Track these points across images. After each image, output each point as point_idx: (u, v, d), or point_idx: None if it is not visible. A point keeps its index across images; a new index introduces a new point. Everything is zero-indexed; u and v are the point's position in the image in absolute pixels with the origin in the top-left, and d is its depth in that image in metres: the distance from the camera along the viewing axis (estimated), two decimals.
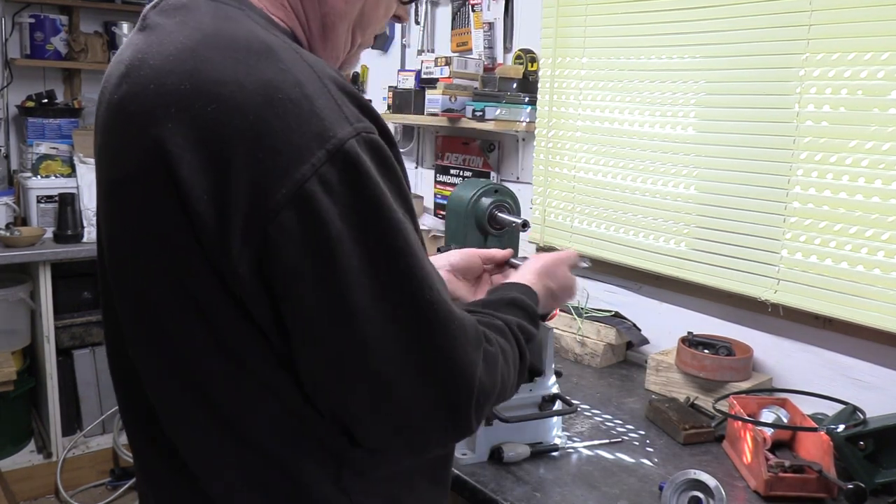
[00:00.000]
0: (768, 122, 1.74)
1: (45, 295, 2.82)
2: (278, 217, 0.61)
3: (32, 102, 3.04)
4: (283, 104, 0.62)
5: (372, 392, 0.67)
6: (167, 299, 0.68)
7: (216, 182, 0.62)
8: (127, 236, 0.71)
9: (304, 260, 0.62)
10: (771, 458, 1.34)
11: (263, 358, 0.68)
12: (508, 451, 1.38)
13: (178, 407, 0.72)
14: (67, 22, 3.16)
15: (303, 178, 0.61)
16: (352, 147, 0.63)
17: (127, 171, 0.68)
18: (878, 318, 1.55)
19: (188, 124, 0.62)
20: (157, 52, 0.68)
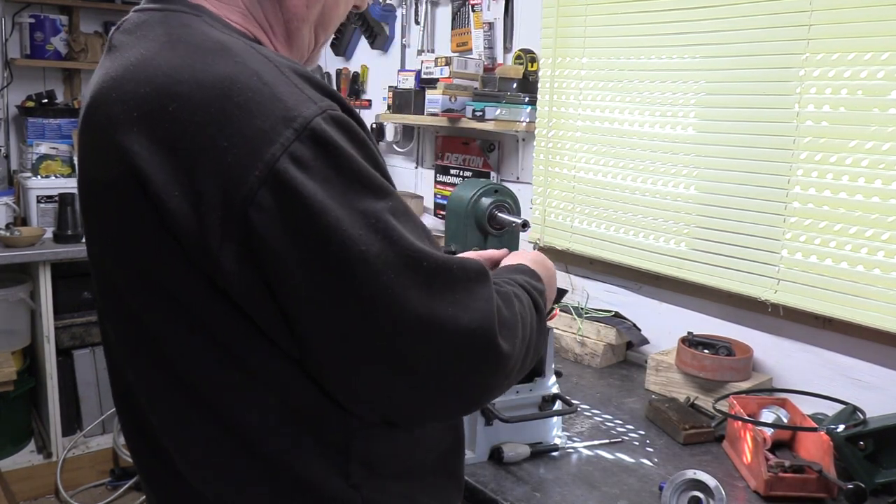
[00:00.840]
0: (768, 122, 1.75)
1: (45, 295, 2.82)
2: (255, 199, 0.60)
3: (32, 102, 3.04)
4: (243, 93, 0.62)
5: (395, 359, 0.66)
6: (150, 303, 0.68)
7: (186, 179, 0.61)
8: (105, 243, 0.71)
9: (290, 237, 0.61)
10: (771, 458, 1.34)
11: (256, 352, 0.67)
12: (508, 451, 1.38)
13: (171, 411, 0.72)
14: (67, 22, 3.16)
15: (273, 157, 0.60)
16: (318, 124, 0.63)
17: (98, 179, 0.69)
18: (878, 318, 1.55)
19: (151, 126, 0.63)
20: (118, 65, 0.69)
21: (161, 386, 0.72)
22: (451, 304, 0.67)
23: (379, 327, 0.64)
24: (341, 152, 0.63)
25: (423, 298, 0.65)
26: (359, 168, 0.64)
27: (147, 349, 0.71)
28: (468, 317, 0.68)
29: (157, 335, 0.69)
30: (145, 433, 0.77)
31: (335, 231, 0.61)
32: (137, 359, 0.73)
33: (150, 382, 0.73)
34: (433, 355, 0.67)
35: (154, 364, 0.71)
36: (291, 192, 0.60)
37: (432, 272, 0.66)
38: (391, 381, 0.67)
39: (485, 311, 0.69)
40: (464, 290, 0.68)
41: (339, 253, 0.61)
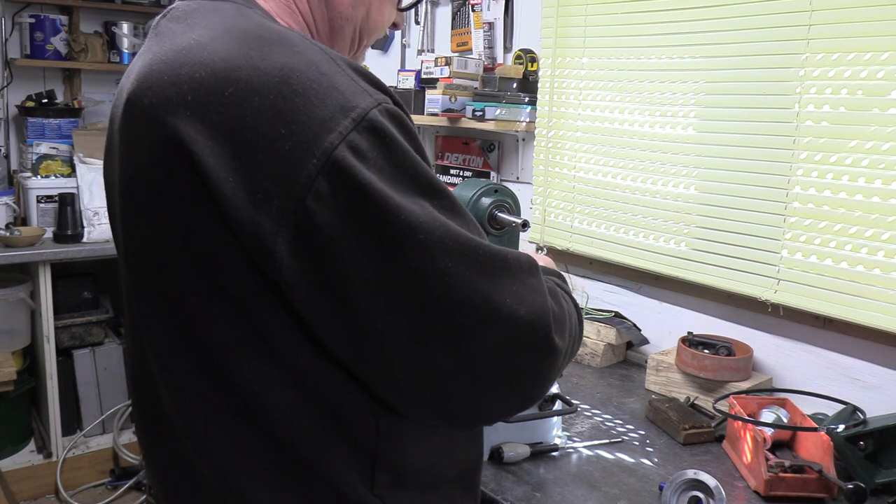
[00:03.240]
0: (768, 122, 1.75)
1: (45, 295, 2.82)
2: (313, 187, 0.60)
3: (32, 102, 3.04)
4: (302, 81, 0.62)
5: (452, 348, 0.64)
6: (193, 296, 0.66)
7: (241, 165, 0.61)
8: (148, 232, 0.69)
9: (348, 225, 0.60)
10: (771, 458, 1.34)
11: (296, 346, 0.66)
12: (508, 451, 1.38)
13: (201, 410, 0.70)
14: (67, 22, 3.16)
15: (331, 145, 0.60)
16: (375, 116, 0.63)
17: (145, 165, 0.66)
18: (877, 318, 1.55)
19: (206, 110, 0.62)
20: (169, 49, 0.68)
21: (193, 383, 0.70)
22: (508, 296, 0.66)
23: (436, 315, 0.63)
24: (397, 145, 0.63)
25: (481, 287, 0.64)
26: (413, 162, 0.64)
27: (183, 341, 0.69)
28: (524, 309, 0.67)
29: (197, 328, 0.67)
30: (166, 434, 0.76)
31: (394, 218, 0.61)
32: (169, 351, 0.71)
33: (181, 379, 0.71)
34: (490, 345, 0.66)
35: (190, 360, 0.69)
36: (350, 181, 0.60)
37: (488, 262, 0.66)
38: (448, 372, 0.66)
39: (540, 304, 0.69)
40: (519, 283, 0.68)
41: (398, 240, 0.61)
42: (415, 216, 0.61)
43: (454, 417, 0.72)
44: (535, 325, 0.68)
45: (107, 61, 3.24)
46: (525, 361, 0.69)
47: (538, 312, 0.68)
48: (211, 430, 0.70)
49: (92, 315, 3.05)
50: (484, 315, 0.64)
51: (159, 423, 0.77)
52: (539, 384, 0.72)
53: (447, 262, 0.62)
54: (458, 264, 0.63)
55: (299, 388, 0.67)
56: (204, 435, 0.71)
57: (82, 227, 2.92)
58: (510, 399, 0.72)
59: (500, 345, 0.66)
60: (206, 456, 0.71)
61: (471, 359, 0.66)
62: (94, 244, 2.90)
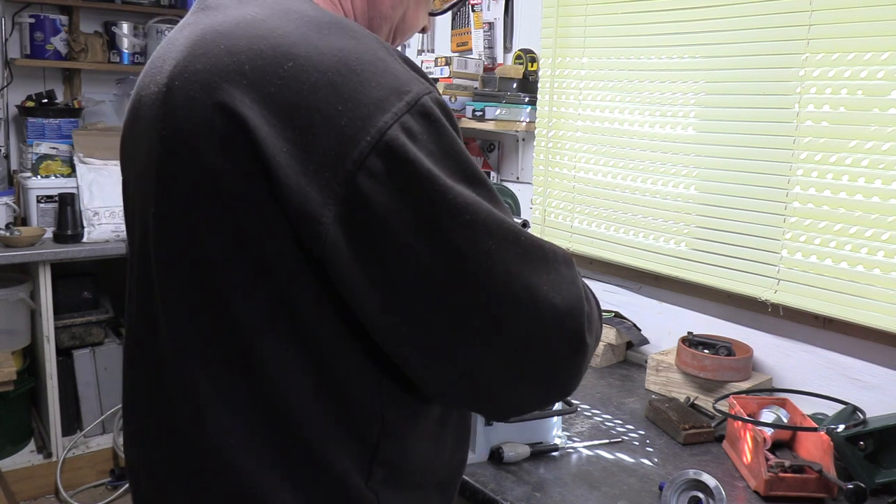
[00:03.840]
0: (768, 122, 1.75)
1: (45, 295, 2.82)
2: (365, 164, 0.61)
3: (32, 102, 3.04)
4: (359, 63, 0.63)
5: (490, 329, 0.66)
6: (227, 263, 0.66)
7: (296, 137, 0.61)
8: (185, 196, 0.68)
9: (398, 203, 0.61)
10: (771, 458, 1.34)
11: (319, 328, 0.66)
12: (508, 451, 1.38)
13: (211, 384, 0.69)
14: (67, 22, 3.16)
15: (385, 125, 0.61)
16: (427, 101, 0.65)
17: (191, 128, 0.66)
18: (877, 318, 1.55)
19: (264, 82, 0.63)
20: (223, 20, 0.69)
21: (207, 358, 0.69)
22: (546, 283, 0.68)
23: (476, 295, 0.64)
24: (446, 131, 0.65)
25: (521, 272, 0.66)
26: (459, 149, 0.66)
27: (204, 315, 0.69)
28: (560, 297, 0.68)
29: (222, 301, 0.67)
30: (162, 412, 0.75)
31: (442, 197, 0.62)
32: (188, 325, 0.70)
33: (196, 354, 0.70)
34: (527, 329, 0.67)
35: (207, 333, 0.69)
36: (402, 159, 0.61)
37: (529, 250, 0.67)
38: (483, 355, 0.67)
39: (576, 295, 0.71)
40: (555, 272, 0.69)
41: (445, 218, 0.62)
42: (462, 197, 0.63)
43: (484, 400, 0.73)
44: (571, 314, 0.69)
45: (107, 61, 3.24)
46: (558, 349, 0.70)
47: (573, 303, 0.70)
48: (218, 409, 0.70)
49: (92, 315, 3.05)
50: (522, 299, 0.66)
51: (155, 399, 0.76)
52: (573, 374, 0.73)
53: (490, 245, 0.64)
54: (500, 248, 0.65)
55: (314, 372, 0.68)
56: (208, 413, 0.70)
57: (82, 227, 2.92)
58: (541, 386, 0.73)
59: (535, 330, 0.67)
60: (207, 434, 0.71)
61: (506, 341, 0.67)
62: (94, 244, 2.90)
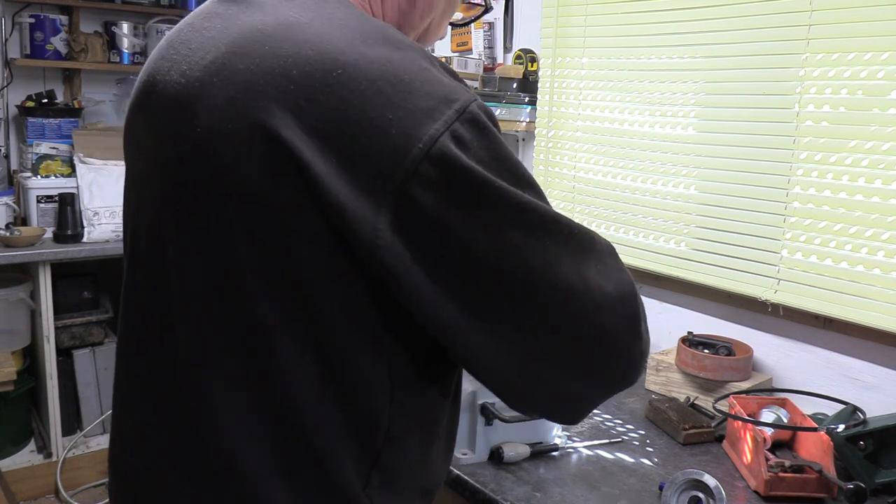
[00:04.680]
0: (768, 122, 1.75)
1: (45, 295, 2.82)
2: (417, 172, 0.61)
3: (32, 102, 3.04)
4: (407, 72, 0.64)
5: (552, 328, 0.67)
6: (251, 262, 0.66)
7: (346, 147, 0.61)
8: (215, 203, 0.67)
9: (453, 207, 0.62)
10: (771, 458, 1.34)
11: (336, 334, 0.67)
12: (508, 451, 1.38)
13: (222, 382, 0.69)
14: (67, 22, 3.16)
15: (436, 133, 0.62)
16: (474, 109, 0.65)
17: (229, 136, 0.65)
18: (877, 318, 1.55)
19: (312, 90, 0.62)
20: (263, 21, 0.68)
21: (219, 357, 0.69)
22: (598, 274, 0.69)
23: (537, 291, 0.65)
24: (495, 137, 0.66)
25: (576, 265, 0.67)
26: (508, 154, 0.67)
27: (223, 313, 0.68)
28: (612, 286, 0.70)
29: (243, 301, 0.67)
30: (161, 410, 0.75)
31: (497, 198, 0.63)
32: (203, 323, 0.70)
33: (208, 352, 0.69)
34: (588, 319, 0.68)
35: (224, 332, 0.68)
36: (454, 167, 0.62)
37: (581, 242, 0.69)
38: (547, 348, 0.68)
39: (627, 281, 0.73)
40: (603, 263, 0.71)
41: (502, 218, 0.64)
42: (515, 198, 0.64)
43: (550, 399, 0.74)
44: (623, 301, 0.71)
45: (107, 61, 3.24)
46: (618, 336, 0.71)
47: (625, 289, 0.72)
48: (228, 410, 0.70)
49: (92, 315, 3.05)
50: (579, 290, 0.67)
51: (159, 398, 0.75)
52: (632, 358, 0.74)
53: (546, 241, 0.66)
54: (554, 244, 0.66)
55: (328, 379, 0.68)
56: (218, 414, 0.70)
57: (82, 227, 2.92)
58: (605, 376, 0.73)
59: (595, 319, 0.68)
60: (214, 434, 0.70)
61: (568, 333, 0.68)
62: (94, 244, 2.90)
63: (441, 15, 0.86)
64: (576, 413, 0.79)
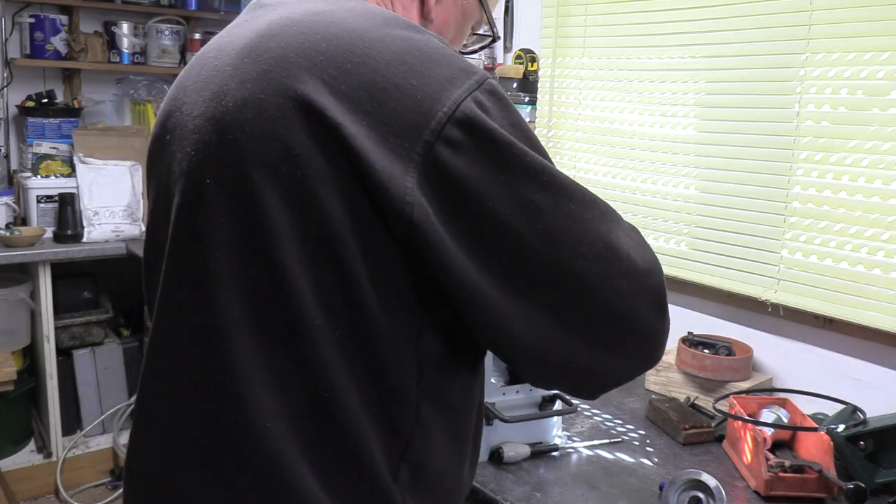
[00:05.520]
0: (768, 122, 1.75)
1: (45, 295, 2.81)
2: (443, 133, 0.64)
3: (32, 102, 3.04)
4: (427, 47, 0.68)
5: (578, 288, 0.67)
6: (290, 237, 0.66)
7: (375, 111, 0.64)
8: (252, 169, 0.67)
9: (478, 168, 0.64)
10: (771, 458, 1.34)
11: (372, 304, 0.67)
12: (508, 451, 1.38)
13: (256, 363, 0.69)
14: (67, 22, 3.16)
15: (459, 97, 0.65)
16: (491, 81, 0.69)
17: (264, 104, 0.67)
18: (878, 318, 1.55)
19: (341, 62, 0.66)
20: (289, 13, 0.72)
21: (249, 335, 0.69)
22: (625, 242, 0.70)
23: (562, 253, 0.66)
24: (512, 108, 0.70)
25: (602, 230, 0.68)
26: (526, 125, 0.70)
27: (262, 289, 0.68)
28: (639, 257, 0.71)
29: (282, 277, 0.67)
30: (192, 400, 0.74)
31: (520, 160, 0.65)
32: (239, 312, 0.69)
33: (244, 334, 0.69)
34: (613, 286, 0.68)
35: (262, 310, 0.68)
36: (478, 128, 0.65)
37: (605, 210, 0.70)
38: (572, 314, 0.68)
39: (652, 255, 0.73)
40: (628, 235, 0.72)
41: (525, 179, 0.65)
42: (538, 161, 0.67)
43: (574, 372, 0.74)
44: (651, 273, 0.71)
45: (107, 61, 3.24)
46: (643, 308, 0.71)
47: (652, 262, 0.72)
48: (260, 388, 0.69)
49: (92, 315, 3.05)
50: (605, 255, 0.68)
51: (192, 376, 0.74)
52: (657, 334, 0.73)
53: (570, 205, 0.67)
54: (578, 208, 0.68)
55: (358, 352, 0.69)
56: (249, 392, 0.69)
57: (82, 227, 2.92)
58: (629, 349, 0.73)
59: (621, 286, 0.68)
60: (245, 414, 0.70)
61: (593, 299, 0.68)
62: (94, 244, 2.90)
63: (453, 38, 0.89)
64: (595, 387, 0.79)
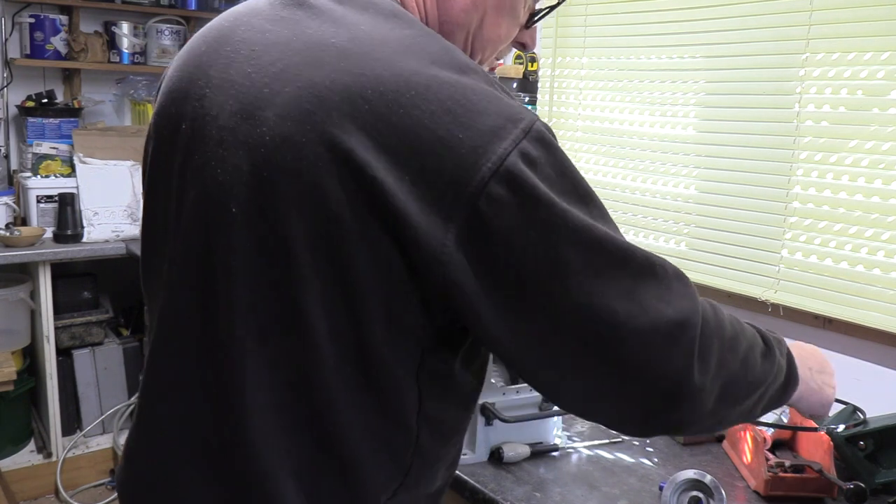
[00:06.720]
0: (768, 122, 1.75)
1: (45, 295, 2.81)
2: (486, 189, 0.63)
3: (32, 102, 3.04)
4: (474, 94, 0.66)
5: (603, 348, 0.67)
6: (314, 275, 0.67)
7: (418, 165, 0.63)
8: (282, 205, 0.67)
9: (518, 227, 0.64)
10: (771, 458, 1.34)
11: (381, 343, 0.68)
12: (508, 451, 1.38)
13: (257, 384, 0.70)
14: (67, 22, 3.16)
15: (505, 151, 0.64)
16: (539, 127, 0.67)
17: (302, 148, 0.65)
18: (878, 318, 1.55)
19: (387, 109, 0.64)
20: (334, 33, 0.69)
21: (260, 360, 0.69)
22: (657, 299, 0.69)
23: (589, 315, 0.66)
24: (560, 154, 0.68)
25: (629, 289, 0.68)
26: (573, 171, 0.69)
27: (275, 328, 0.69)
28: (672, 309, 0.70)
29: (299, 310, 0.67)
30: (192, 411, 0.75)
31: (560, 221, 0.65)
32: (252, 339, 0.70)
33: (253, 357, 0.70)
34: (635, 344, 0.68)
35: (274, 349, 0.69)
36: (522, 185, 0.64)
37: (640, 267, 0.69)
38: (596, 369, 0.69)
39: (690, 308, 0.72)
40: (667, 288, 0.71)
41: (562, 240, 0.65)
42: (578, 220, 0.66)
43: (606, 415, 0.75)
44: (684, 325, 0.70)
45: (107, 61, 3.24)
46: (666, 364, 0.70)
47: (686, 315, 0.70)
48: (263, 410, 0.70)
49: (92, 315, 3.05)
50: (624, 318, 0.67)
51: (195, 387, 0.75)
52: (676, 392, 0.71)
53: (600, 263, 0.67)
54: (611, 266, 0.67)
55: (365, 385, 0.69)
56: (249, 413, 0.70)
57: (82, 227, 2.92)
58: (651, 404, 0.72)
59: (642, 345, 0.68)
60: (245, 432, 0.71)
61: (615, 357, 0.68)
62: (94, 244, 2.90)
63: (495, 11, 0.81)
64: (629, 429, 0.79)
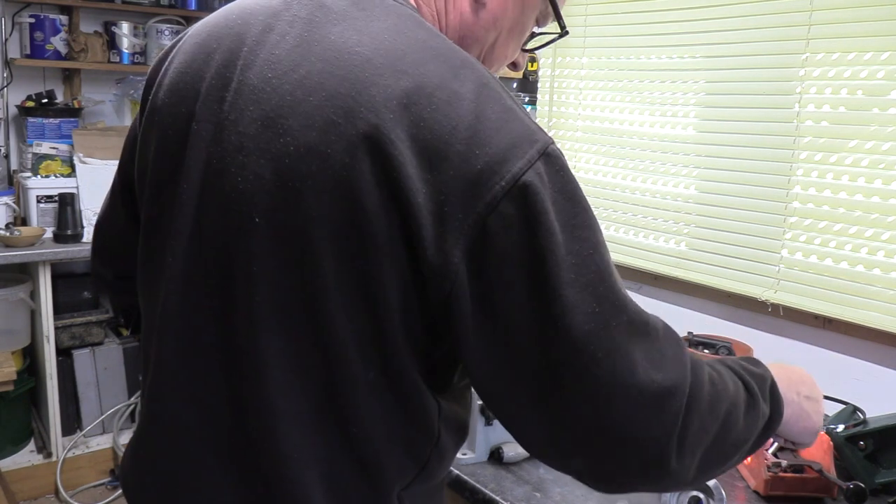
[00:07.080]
0: (768, 121, 1.75)
1: (45, 295, 2.81)
2: (498, 207, 0.64)
3: (32, 102, 3.04)
4: (493, 111, 0.66)
5: (582, 392, 0.66)
6: (337, 284, 0.67)
7: (434, 178, 0.64)
8: (309, 211, 0.67)
9: (522, 249, 0.64)
10: (771, 458, 1.34)
11: (400, 354, 0.69)
12: (508, 451, 1.38)
13: (282, 391, 0.70)
14: (67, 22, 3.16)
15: (520, 171, 0.64)
16: (553, 150, 0.67)
17: (329, 154, 0.66)
18: (878, 318, 1.55)
19: (410, 121, 0.65)
20: (357, 41, 0.69)
21: (284, 366, 0.70)
22: (645, 359, 0.67)
23: (573, 352, 0.65)
24: (571, 178, 0.68)
25: (622, 340, 0.66)
26: (581, 197, 0.69)
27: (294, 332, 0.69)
28: (661, 375, 0.68)
29: (318, 318, 0.68)
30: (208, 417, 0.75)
31: (560, 253, 0.65)
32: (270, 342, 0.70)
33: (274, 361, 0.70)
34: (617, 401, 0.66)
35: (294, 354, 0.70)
36: (533, 207, 0.64)
37: (633, 320, 0.68)
38: (571, 414, 0.68)
39: (679, 374, 0.69)
40: (657, 350, 0.69)
41: (560, 274, 0.64)
42: (579, 257, 0.66)
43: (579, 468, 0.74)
44: (669, 393, 0.68)
45: (107, 61, 3.24)
46: (648, 429, 0.68)
47: (676, 382, 0.68)
48: (288, 416, 0.70)
49: (92, 315, 3.05)
50: (617, 368, 0.66)
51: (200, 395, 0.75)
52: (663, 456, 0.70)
53: (594, 307, 0.66)
54: (604, 312, 0.66)
55: (389, 390, 0.70)
56: (276, 419, 0.71)
57: (82, 227, 2.92)
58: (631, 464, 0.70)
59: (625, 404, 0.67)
60: (271, 444, 0.71)
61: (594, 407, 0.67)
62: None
63: (508, 33, 0.84)
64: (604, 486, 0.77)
